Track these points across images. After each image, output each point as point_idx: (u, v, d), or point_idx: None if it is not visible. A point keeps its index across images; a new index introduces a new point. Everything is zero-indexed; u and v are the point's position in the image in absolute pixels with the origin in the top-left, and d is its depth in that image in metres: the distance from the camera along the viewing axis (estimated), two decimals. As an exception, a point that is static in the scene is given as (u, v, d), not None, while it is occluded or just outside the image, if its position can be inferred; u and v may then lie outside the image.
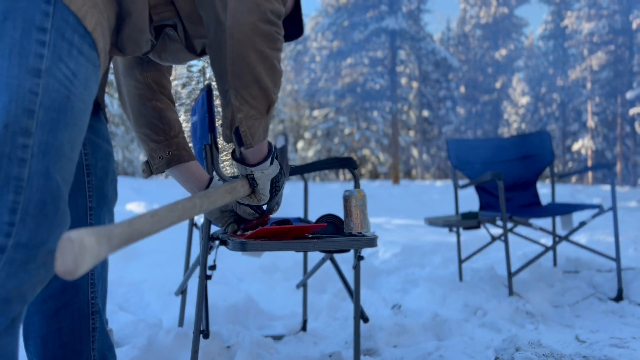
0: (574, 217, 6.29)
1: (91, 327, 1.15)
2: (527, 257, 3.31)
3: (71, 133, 0.87)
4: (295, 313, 2.27)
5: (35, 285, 0.85)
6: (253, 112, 1.05)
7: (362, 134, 27.88)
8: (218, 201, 1.04)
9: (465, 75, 35.90)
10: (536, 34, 38.82)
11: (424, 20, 29.47)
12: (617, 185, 22.83)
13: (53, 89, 0.83)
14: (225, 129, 1.09)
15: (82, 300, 1.14)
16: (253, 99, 1.05)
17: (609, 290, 2.61)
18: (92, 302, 1.16)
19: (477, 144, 3.22)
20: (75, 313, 1.13)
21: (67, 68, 0.85)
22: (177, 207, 0.88)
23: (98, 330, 1.17)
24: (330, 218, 1.41)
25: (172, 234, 4.12)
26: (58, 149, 0.84)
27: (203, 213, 1.11)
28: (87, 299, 1.15)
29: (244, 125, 1.06)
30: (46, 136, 0.83)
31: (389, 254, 3.87)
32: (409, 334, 1.95)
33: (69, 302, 1.13)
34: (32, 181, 0.81)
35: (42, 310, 1.12)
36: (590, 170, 2.76)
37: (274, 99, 1.09)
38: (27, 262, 0.82)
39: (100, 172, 1.20)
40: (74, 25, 0.86)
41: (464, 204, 6.71)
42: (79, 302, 1.14)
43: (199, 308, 1.42)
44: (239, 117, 1.05)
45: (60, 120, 0.84)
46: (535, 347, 1.70)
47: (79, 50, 0.87)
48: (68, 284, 1.12)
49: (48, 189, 0.82)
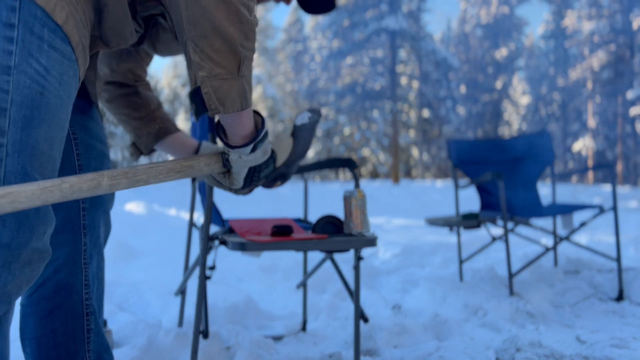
0: (575, 217, 6.30)
1: (86, 329, 1.14)
2: (527, 258, 3.31)
3: (48, 130, 0.84)
4: (295, 313, 2.26)
5: (21, 285, 0.84)
6: (218, 69, 0.90)
7: (362, 134, 27.88)
8: (173, 173, 0.93)
9: (466, 75, 35.89)
10: (537, 33, 38.84)
11: (424, 20, 29.46)
12: (618, 185, 22.82)
13: (24, 86, 0.81)
14: (190, 94, 0.95)
15: (75, 301, 1.13)
16: (216, 53, 0.90)
17: (610, 290, 2.61)
18: (87, 303, 1.15)
19: (477, 144, 3.22)
20: (69, 314, 1.12)
21: (38, 63, 0.83)
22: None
23: (93, 332, 1.16)
24: (330, 218, 1.41)
25: (172, 234, 4.13)
26: (33, 147, 0.82)
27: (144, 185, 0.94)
28: (81, 300, 1.14)
29: (207, 86, 0.90)
30: (20, 134, 0.81)
31: (389, 254, 3.87)
32: (409, 334, 1.95)
33: (62, 303, 1.12)
34: (8, 180, 0.80)
35: (36, 311, 1.11)
36: (591, 170, 2.75)
37: (245, 55, 0.92)
38: (11, 262, 0.81)
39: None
40: (42, 19, 0.83)
41: (465, 204, 6.72)
42: (73, 303, 1.13)
43: (198, 308, 1.42)
44: (201, 76, 0.91)
45: (35, 117, 0.82)
46: (535, 348, 1.70)
47: (50, 45, 0.84)
48: (62, 285, 1.11)
49: None
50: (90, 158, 1.18)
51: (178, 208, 7.36)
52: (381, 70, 27.51)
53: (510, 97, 36.93)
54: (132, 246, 3.84)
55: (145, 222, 5.85)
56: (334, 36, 27.83)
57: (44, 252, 0.87)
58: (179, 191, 9.90)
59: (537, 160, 3.13)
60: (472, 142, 3.22)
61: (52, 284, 1.11)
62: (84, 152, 1.16)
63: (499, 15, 35.70)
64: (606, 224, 5.50)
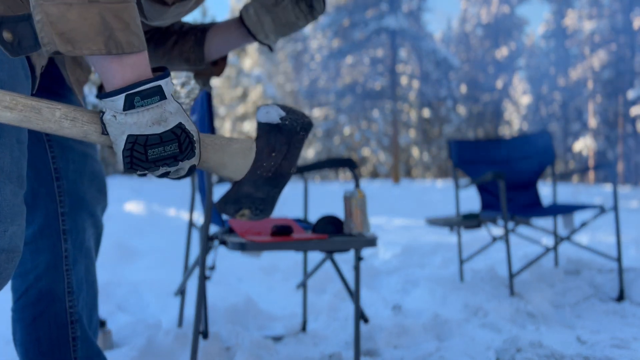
0: (575, 217, 6.29)
1: (71, 337, 1.11)
2: (528, 258, 3.30)
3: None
4: (295, 313, 2.26)
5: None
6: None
7: (362, 134, 27.88)
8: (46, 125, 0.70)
9: (466, 74, 35.88)
10: (537, 33, 38.81)
11: (424, 19, 29.46)
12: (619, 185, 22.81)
13: None
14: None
15: (59, 308, 1.10)
16: None
17: (610, 290, 2.60)
18: (71, 311, 1.11)
19: (478, 143, 3.21)
20: (52, 322, 1.10)
21: None
22: None
23: (79, 339, 1.12)
24: (330, 219, 1.41)
25: (171, 234, 4.13)
26: None
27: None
28: (65, 308, 1.11)
29: (40, 12, 0.64)
30: None
31: (389, 255, 3.87)
32: (410, 334, 1.94)
33: (45, 312, 1.09)
34: None
35: (21, 318, 1.10)
36: (592, 170, 2.75)
37: None
38: None
39: (72, 175, 1.13)
40: None
41: (465, 204, 6.71)
42: (56, 310, 1.10)
43: (198, 308, 1.42)
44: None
45: None
46: (536, 348, 1.69)
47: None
48: (43, 292, 1.09)
49: None
50: (68, 160, 1.12)
51: (177, 208, 7.36)
52: (381, 69, 27.51)
53: (510, 97, 36.92)
54: (132, 246, 3.83)
55: (144, 222, 5.85)
56: (334, 36, 27.82)
57: (10, 251, 0.81)
58: (178, 191, 9.90)
59: (537, 160, 3.13)
60: (472, 142, 3.22)
61: (34, 292, 1.09)
62: (59, 154, 1.11)
63: (499, 14, 35.69)
64: (607, 224, 5.49)
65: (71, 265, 1.12)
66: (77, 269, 1.13)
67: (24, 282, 1.10)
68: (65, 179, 1.12)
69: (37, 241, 1.08)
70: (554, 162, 3.09)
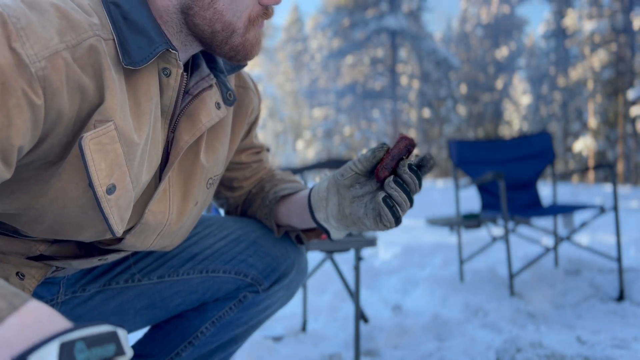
0: (576, 217, 6.29)
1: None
2: (528, 258, 3.30)
3: None
4: (295, 314, 2.26)
5: None
6: None
7: (363, 134, 27.89)
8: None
9: (466, 74, 35.88)
10: (537, 33, 38.82)
11: (424, 19, 29.46)
12: (619, 185, 22.82)
13: None
14: None
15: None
16: None
17: (611, 290, 2.60)
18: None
19: (478, 144, 3.22)
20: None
21: None
22: None
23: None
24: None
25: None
26: None
27: None
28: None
29: None
30: None
31: (390, 255, 3.87)
32: (410, 334, 1.94)
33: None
34: None
35: None
36: (592, 170, 2.75)
37: None
38: None
39: None
40: None
41: (465, 205, 6.71)
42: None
43: (198, 309, 1.41)
44: None
45: None
46: (536, 348, 1.69)
47: None
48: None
49: None
50: None
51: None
52: (381, 69, 27.50)
53: (510, 97, 36.93)
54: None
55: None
56: (334, 35, 27.81)
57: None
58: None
59: (537, 160, 3.13)
60: (472, 142, 3.22)
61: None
62: None
63: (499, 14, 35.69)
64: (607, 224, 5.49)
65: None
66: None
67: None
68: None
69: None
70: (554, 162, 3.09)
